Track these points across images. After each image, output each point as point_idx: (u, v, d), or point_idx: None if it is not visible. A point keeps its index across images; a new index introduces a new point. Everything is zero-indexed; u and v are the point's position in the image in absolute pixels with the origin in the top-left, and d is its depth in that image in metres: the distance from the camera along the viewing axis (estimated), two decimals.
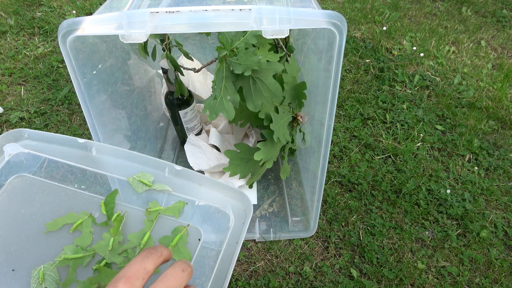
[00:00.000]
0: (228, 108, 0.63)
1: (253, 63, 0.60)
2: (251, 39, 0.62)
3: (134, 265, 0.32)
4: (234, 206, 0.50)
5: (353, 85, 1.35)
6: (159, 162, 0.50)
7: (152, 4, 0.56)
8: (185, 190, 0.51)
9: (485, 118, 1.23)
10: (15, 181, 0.48)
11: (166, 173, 0.50)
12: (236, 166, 0.78)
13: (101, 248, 0.47)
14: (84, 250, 0.47)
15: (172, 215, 0.50)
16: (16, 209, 0.46)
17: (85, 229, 0.48)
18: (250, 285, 0.82)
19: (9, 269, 0.43)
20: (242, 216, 0.48)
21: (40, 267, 0.44)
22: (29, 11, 1.68)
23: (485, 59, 1.50)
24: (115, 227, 0.49)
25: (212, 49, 1.18)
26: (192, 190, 0.51)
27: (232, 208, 0.50)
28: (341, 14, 0.50)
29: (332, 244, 0.89)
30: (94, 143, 0.49)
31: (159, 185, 0.51)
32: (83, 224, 0.48)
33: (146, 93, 1.00)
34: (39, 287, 0.43)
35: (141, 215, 0.50)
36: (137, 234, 0.48)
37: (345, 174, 1.03)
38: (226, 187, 0.50)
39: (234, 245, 0.46)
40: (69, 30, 0.49)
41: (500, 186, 1.03)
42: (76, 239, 0.47)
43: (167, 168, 0.50)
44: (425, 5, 1.85)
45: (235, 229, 0.48)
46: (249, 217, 0.48)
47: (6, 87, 1.29)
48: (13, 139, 0.49)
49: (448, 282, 0.83)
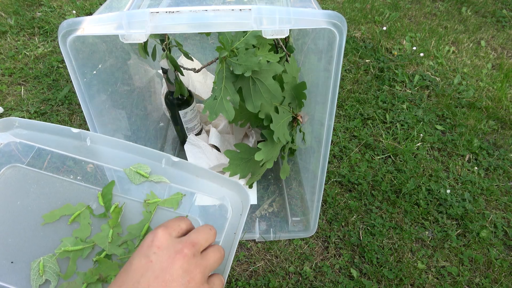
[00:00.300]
0: (228, 108, 0.63)
1: (253, 64, 0.60)
2: (251, 39, 0.62)
3: (171, 221, 0.39)
4: (231, 197, 0.49)
5: (353, 85, 1.35)
6: (155, 153, 0.49)
7: (152, 4, 0.57)
8: (182, 181, 0.50)
9: (485, 118, 1.23)
10: (8, 171, 0.47)
11: (163, 164, 0.50)
12: (236, 166, 0.78)
13: (101, 240, 0.47)
14: (84, 242, 0.46)
15: (171, 206, 0.50)
16: (11, 200, 0.45)
17: (83, 221, 0.47)
18: (250, 285, 0.82)
19: (8, 261, 0.43)
20: (240, 207, 0.48)
21: (39, 259, 0.44)
22: (29, 11, 1.68)
23: (485, 59, 1.50)
24: (114, 219, 0.48)
25: (212, 49, 1.18)
26: (189, 181, 0.50)
27: (229, 199, 0.49)
28: (341, 14, 0.50)
29: (332, 244, 0.89)
30: (89, 132, 0.48)
31: (156, 177, 0.50)
32: (81, 215, 0.48)
33: (146, 93, 1.00)
34: (39, 279, 0.43)
35: (139, 207, 0.49)
36: (136, 226, 0.48)
37: (345, 174, 1.03)
38: (223, 178, 0.49)
39: (232, 236, 0.46)
40: (69, 30, 0.49)
41: (500, 186, 1.03)
42: (74, 230, 0.47)
43: (164, 159, 0.49)
44: (425, 5, 1.85)
45: (232, 220, 0.48)
46: (247, 208, 0.48)
47: (6, 87, 1.29)
48: (2, 128, 0.47)
49: (448, 282, 0.83)
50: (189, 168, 0.50)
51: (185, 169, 0.50)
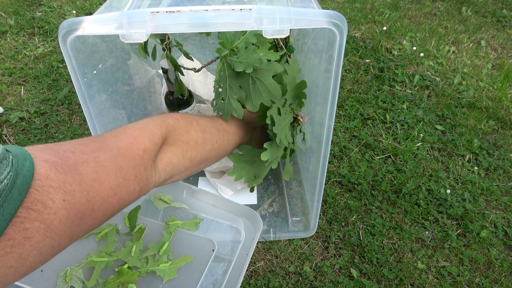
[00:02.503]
0: (237, 107, 0.64)
1: (254, 60, 0.60)
2: (251, 38, 0.62)
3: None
4: (245, 223, 0.57)
5: (353, 85, 1.35)
6: (178, 183, 0.57)
7: (152, 4, 0.57)
8: (201, 209, 0.58)
9: (485, 118, 1.23)
10: None
11: (184, 194, 0.57)
12: (241, 169, 0.78)
13: (124, 254, 0.52)
14: (108, 255, 0.51)
15: (189, 228, 0.56)
16: None
17: (110, 238, 0.53)
18: (250, 285, 0.82)
19: (38, 270, 0.46)
20: (252, 232, 0.56)
21: (67, 268, 0.48)
22: (29, 11, 1.68)
23: (485, 59, 1.50)
24: (137, 237, 0.54)
25: (212, 49, 1.18)
26: (207, 208, 0.58)
27: (243, 225, 0.57)
28: (341, 14, 0.50)
29: (332, 244, 0.89)
30: None
31: (177, 204, 0.57)
32: (108, 233, 0.53)
33: (146, 93, 1.00)
34: (65, 285, 0.47)
35: (160, 228, 0.55)
36: (156, 244, 0.54)
37: (345, 174, 1.03)
38: (238, 206, 0.57)
39: (245, 256, 0.53)
40: (69, 30, 0.49)
41: (500, 186, 1.03)
42: (101, 246, 0.52)
43: (185, 189, 0.57)
44: (425, 5, 1.85)
45: (245, 243, 0.55)
46: (259, 233, 0.55)
47: (6, 87, 1.29)
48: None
49: (448, 282, 0.83)
50: (207, 197, 0.57)
51: (204, 199, 0.57)
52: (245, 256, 0.52)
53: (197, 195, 0.56)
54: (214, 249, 0.54)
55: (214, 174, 0.99)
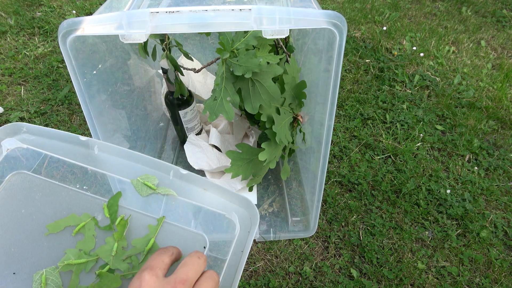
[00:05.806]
0: (228, 109, 0.63)
1: (253, 65, 0.60)
2: (252, 40, 0.62)
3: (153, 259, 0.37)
4: (239, 213, 0.48)
5: (353, 85, 1.35)
6: (163, 165, 0.48)
7: (152, 4, 0.57)
8: (190, 194, 0.49)
9: (485, 118, 1.23)
10: (13, 178, 0.46)
11: (171, 176, 0.49)
12: (238, 167, 0.78)
13: (105, 253, 0.46)
14: (87, 255, 0.46)
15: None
16: (15, 208, 0.45)
17: (88, 233, 0.47)
18: (250, 285, 0.82)
19: (10, 271, 0.42)
20: (248, 224, 0.47)
21: (42, 271, 0.43)
22: (29, 11, 1.68)
23: (485, 59, 1.50)
24: (119, 232, 0.47)
25: (212, 49, 1.18)
26: (197, 195, 0.49)
27: (238, 216, 0.48)
28: (341, 14, 0.50)
29: (332, 244, 0.89)
30: (96, 141, 0.47)
31: (163, 189, 0.49)
32: (86, 227, 0.47)
33: (146, 93, 1.00)
34: None
35: (144, 219, 0.48)
36: (141, 240, 0.47)
37: (345, 174, 1.03)
38: (232, 194, 0.48)
39: (240, 254, 0.45)
40: (69, 30, 0.49)
41: (500, 186, 1.03)
42: (78, 242, 0.46)
43: (172, 171, 0.48)
44: (425, 5, 1.85)
45: (240, 238, 0.46)
46: (255, 225, 0.46)
47: (6, 87, 1.29)
48: (10, 134, 0.46)
49: (448, 282, 0.83)
50: (197, 181, 0.49)
51: (193, 182, 0.49)
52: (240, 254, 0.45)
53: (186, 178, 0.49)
54: (205, 246, 0.47)
55: (214, 175, 0.99)
